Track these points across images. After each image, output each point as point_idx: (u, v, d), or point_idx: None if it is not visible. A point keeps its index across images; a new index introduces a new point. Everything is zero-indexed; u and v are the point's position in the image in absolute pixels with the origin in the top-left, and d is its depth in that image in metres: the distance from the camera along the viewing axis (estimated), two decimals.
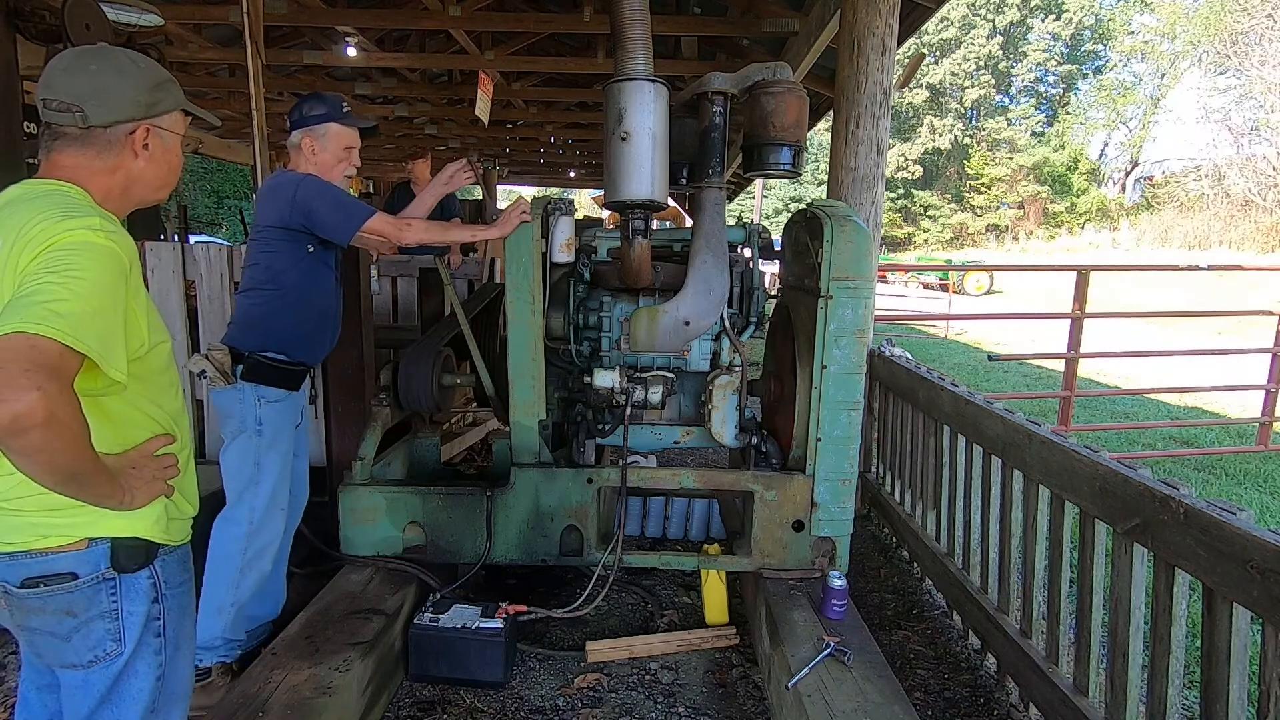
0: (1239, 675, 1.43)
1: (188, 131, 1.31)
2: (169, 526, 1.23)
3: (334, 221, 2.04)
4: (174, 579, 1.26)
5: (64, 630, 1.16)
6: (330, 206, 2.03)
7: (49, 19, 3.70)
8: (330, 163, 2.16)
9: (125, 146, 1.19)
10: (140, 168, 1.22)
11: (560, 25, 5.60)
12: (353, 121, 2.19)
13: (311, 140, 2.13)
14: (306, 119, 2.13)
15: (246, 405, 2.09)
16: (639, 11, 2.06)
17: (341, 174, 2.19)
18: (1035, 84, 37.19)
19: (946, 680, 2.42)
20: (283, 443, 2.17)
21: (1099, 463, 1.80)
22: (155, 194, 1.28)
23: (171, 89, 1.25)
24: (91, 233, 1.04)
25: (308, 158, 2.15)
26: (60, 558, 1.13)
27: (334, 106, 2.15)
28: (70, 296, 0.97)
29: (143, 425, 1.19)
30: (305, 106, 2.14)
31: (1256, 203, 21.52)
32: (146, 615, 1.21)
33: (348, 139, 2.18)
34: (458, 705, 2.20)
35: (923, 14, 4.42)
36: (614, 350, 2.53)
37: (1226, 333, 11.39)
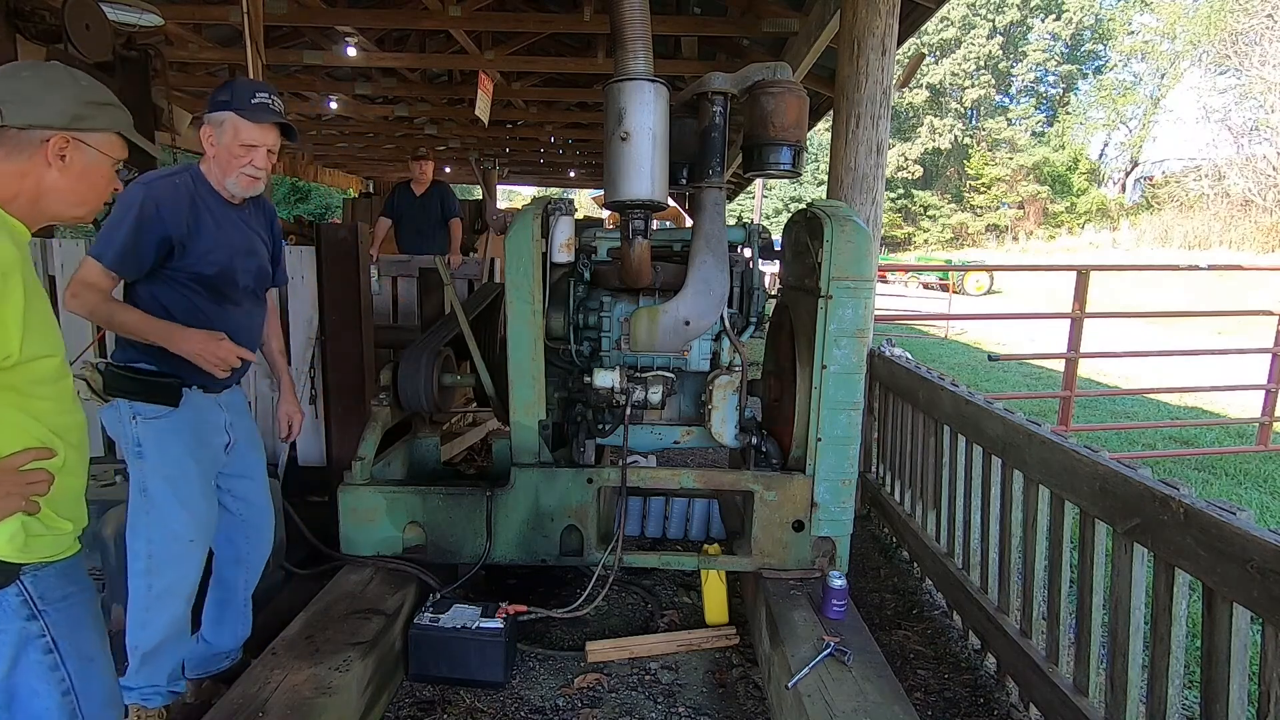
0: (1239, 675, 1.43)
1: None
2: (29, 544, 1.17)
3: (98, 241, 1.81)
4: (53, 593, 1.21)
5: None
6: (107, 227, 1.80)
7: (49, 19, 3.70)
8: (225, 157, 1.89)
9: (38, 152, 1.17)
10: (54, 178, 1.20)
11: (560, 25, 5.60)
12: (261, 117, 1.87)
13: (209, 129, 1.89)
14: (211, 104, 1.89)
15: (123, 424, 1.87)
16: (639, 11, 2.05)
17: (237, 171, 1.89)
18: (1035, 84, 37.19)
19: (946, 680, 2.42)
20: (175, 466, 1.88)
21: (1099, 463, 1.80)
22: (71, 210, 1.25)
23: (110, 112, 1.25)
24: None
25: (206, 148, 1.92)
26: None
27: (241, 96, 1.87)
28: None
29: (17, 438, 1.15)
30: (215, 92, 1.91)
31: (1256, 203, 21.51)
32: (22, 633, 1.17)
33: (248, 135, 1.87)
34: (458, 705, 2.20)
35: (923, 14, 4.42)
36: (614, 350, 2.53)
37: (1226, 333, 11.39)
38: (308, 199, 25.59)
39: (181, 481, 1.90)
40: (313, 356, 3.10)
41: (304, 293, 3.08)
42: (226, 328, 1.90)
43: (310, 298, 3.07)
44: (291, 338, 3.14)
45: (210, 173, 1.92)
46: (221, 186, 1.92)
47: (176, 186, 1.84)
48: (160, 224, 1.80)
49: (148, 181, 1.84)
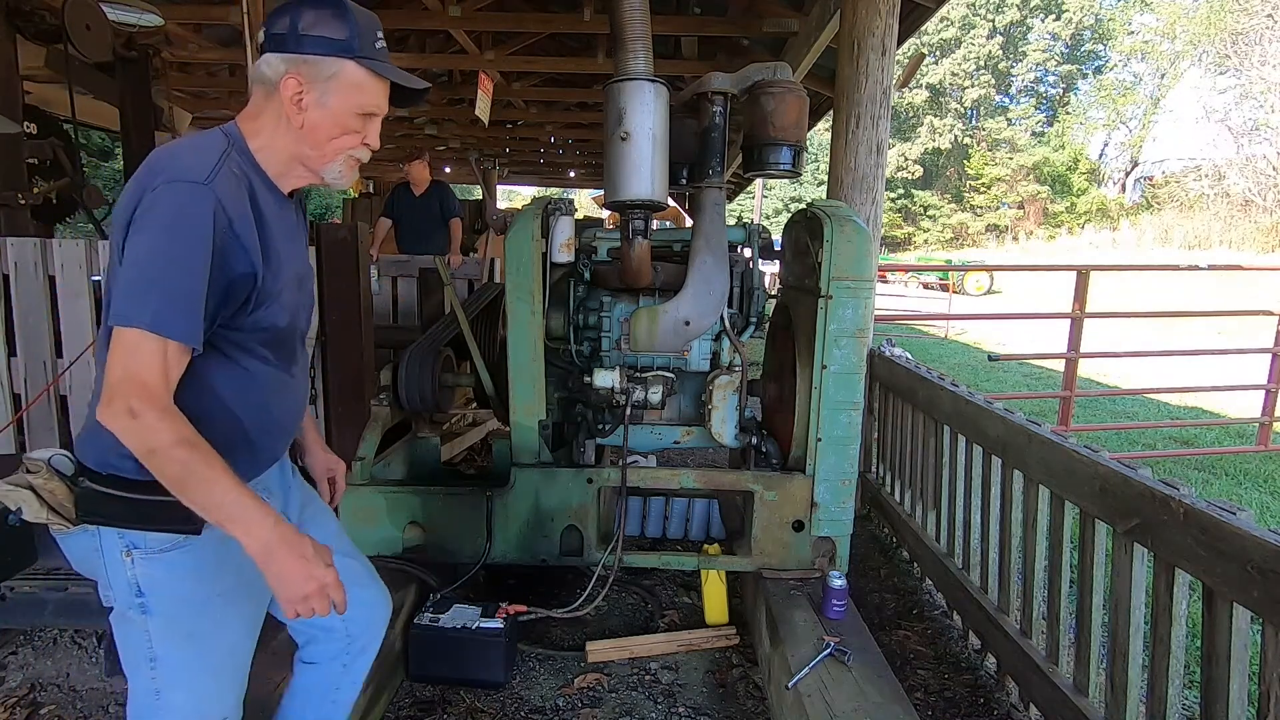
0: (1239, 675, 1.43)
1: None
2: None
3: (119, 290, 1.06)
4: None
5: None
6: (150, 263, 1.05)
7: (49, 19, 3.70)
8: (324, 135, 1.20)
9: None
10: None
11: (560, 25, 5.60)
12: (388, 70, 1.21)
13: (303, 81, 1.16)
14: (303, 40, 1.15)
15: (109, 563, 1.20)
16: (639, 11, 2.05)
17: (338, 158, 1.23)
18: (1035, 84, 37.21)
19: (946, 680, 2.42)
20: (202, 616, 1.22)
21: (1099, 463, 1.80)
22: None
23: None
24: None
25: (287, 112, 1.17)
26: None
27: (365, 32, 1.18)
28: None
29: None
30: (307, 15, 1.15)
31: (1256, 203, 21.52)
32: None
33: (373, 96, 1.21)
34: (458, 705, 2.20)
35: (923, 14, 4.42)
36: (614, 350, 2.53)
37: (1226, 333, 11.39)
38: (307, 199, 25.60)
39: (214, 637, 1.25)
40: (313, 356, 3.10)
41: None
42: (291, 406, 1.35)
43: None
44: None
45: (273, 151, 1.20)
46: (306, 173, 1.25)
47: (236, 181, 1.13)
48: (241, 250, 1.12)
49: (202, 175, 1.08)
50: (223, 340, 1.17)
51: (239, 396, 1.21)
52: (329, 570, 1.13)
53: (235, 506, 1.07)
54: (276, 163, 1.21)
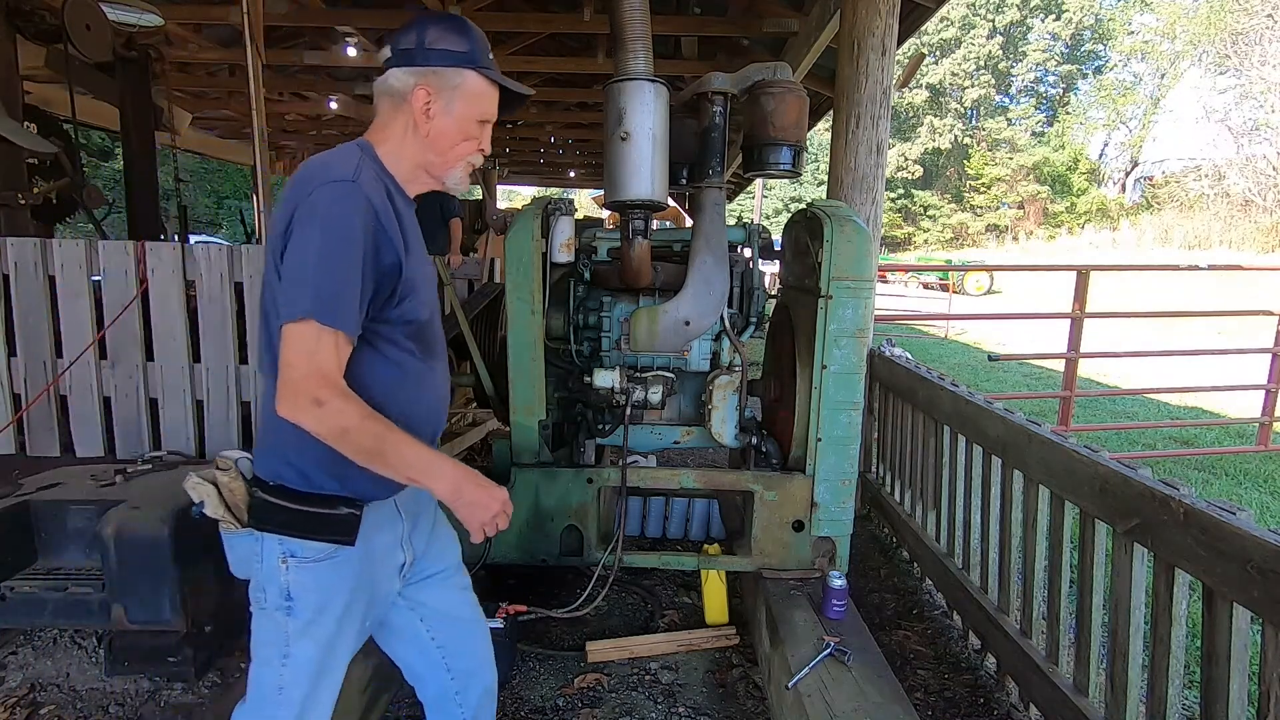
0: (1239, 675, 1.43)
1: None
2: None
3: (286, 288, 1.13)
4: None
5: None
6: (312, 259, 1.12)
7: (49, 19, 3.70)
8: (449, 142, 1.28)
9: None
10: None
11: (560, 25, 5.60)
12: (499, 78, 1.31)
13: (431, 92, 1.25)
14: (430, 53, 1.25)
15: (267, 568, 1.26)
16: (639, 11, 2.06)
17: (459, 164, 1.32)
18: (1035, 84, 37.21)
19: (946, 680, 2.42)
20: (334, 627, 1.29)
21: (1099, 463, 1.80)
22: None
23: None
24: None
25: (416, 121, 1.26)
26: None
27: (480, 45, 1.29)
28: None
29: None
30: (430, 32, 1.26)
31: (1256, 203, 21.52)
32: None
33: (489, 105, 1.31)
34: None
35: (923, 14, 4.42)
36: (614, 350, 2.53)
37: (1226, 333, 11.39)
38: None
39: (336, 650, 1.32)
40: None
41: None
42: (436, 401, 1.39)
43: None
44: None
45: (401, 159, 1.28)
46: (429, 180, 1.33)
47: (376, 181, 1.22)
48: (388, 243, 1.19)
49: (350, 175, 1.16)
50: (372, 334, 1.23)
51: (390, 390, 1.26)
52: (503, 489, 1.28)
53: (423, 460, 1.19)
54: (404, 170, 1.29)
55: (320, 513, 1.24)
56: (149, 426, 3.18)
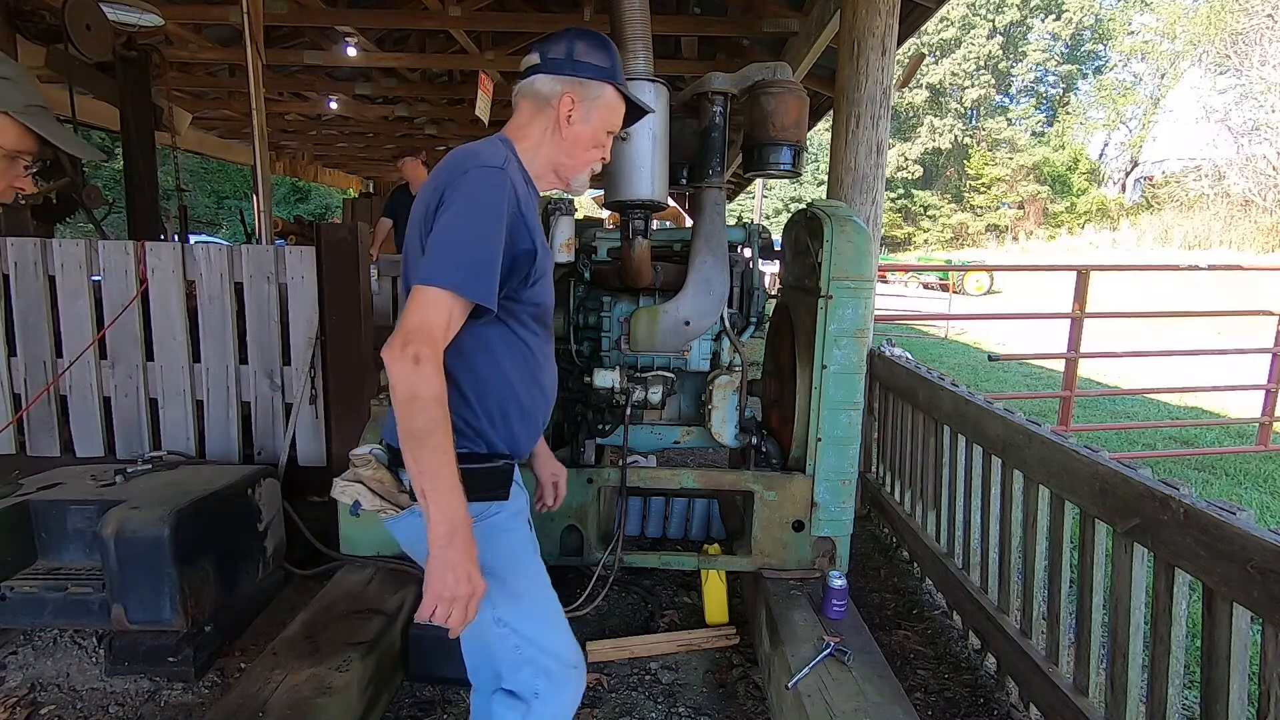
0: (1239, 675, 1.43)
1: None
2: None
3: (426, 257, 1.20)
4: None
5: None
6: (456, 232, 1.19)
7: (49, 19, 3.70)
8: (582, 147, 1.39)
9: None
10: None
11: (560, 25, 5.59)
12: (631, 94, 1.44)
13: (575, 100, 1.35)
14: (578, 65, 1.35)
15: None
16: (639, 11, 2.06)
17: (585, 170, 1.44)
18: (1035, 84, 37.22)
19: (946, 680, 2.42)
20: (528, 575, 1.41)
21: (1099, 463, 1.80)
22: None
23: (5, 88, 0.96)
24: None
25: (559, 124, 1.36)
26: None
27: (617, 63, 1.41)
28: None
29: None
30: (580, 44, 1.36)
31: (1256, 203, 21.52)
32: None
33: (619, 116, 1.44)
34: (458, 705, 2.20)
35: (923, 14, 4.42)
36: (614, 350, 2.53)
37: (1226, 333, 11.39)
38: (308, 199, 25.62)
39: (536, 589, 1.43)
40: (313, 356, 3.10)
41: (304, 293, 3.08)
42: (552, 382, 1.47)
43: (310, 298, 3.07)
44: (291, 338, 3.14)
45: (536, 157, 1.38)
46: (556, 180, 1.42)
47: (521, 173, 1.34)
48: (525, 229, 1.28)
49: (499, 163, 1.25)
50: (506, 312, 1.30)
51: (517, 367, 1.35)
52: (483, 585, 1.20)
53: (448, 480, 1.15)
54: (537, 167, 1.39)
55: (487, 470, 1.31)
56: (149, 426, 3.18)
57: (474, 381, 1.30)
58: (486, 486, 1.32)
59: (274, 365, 3.16)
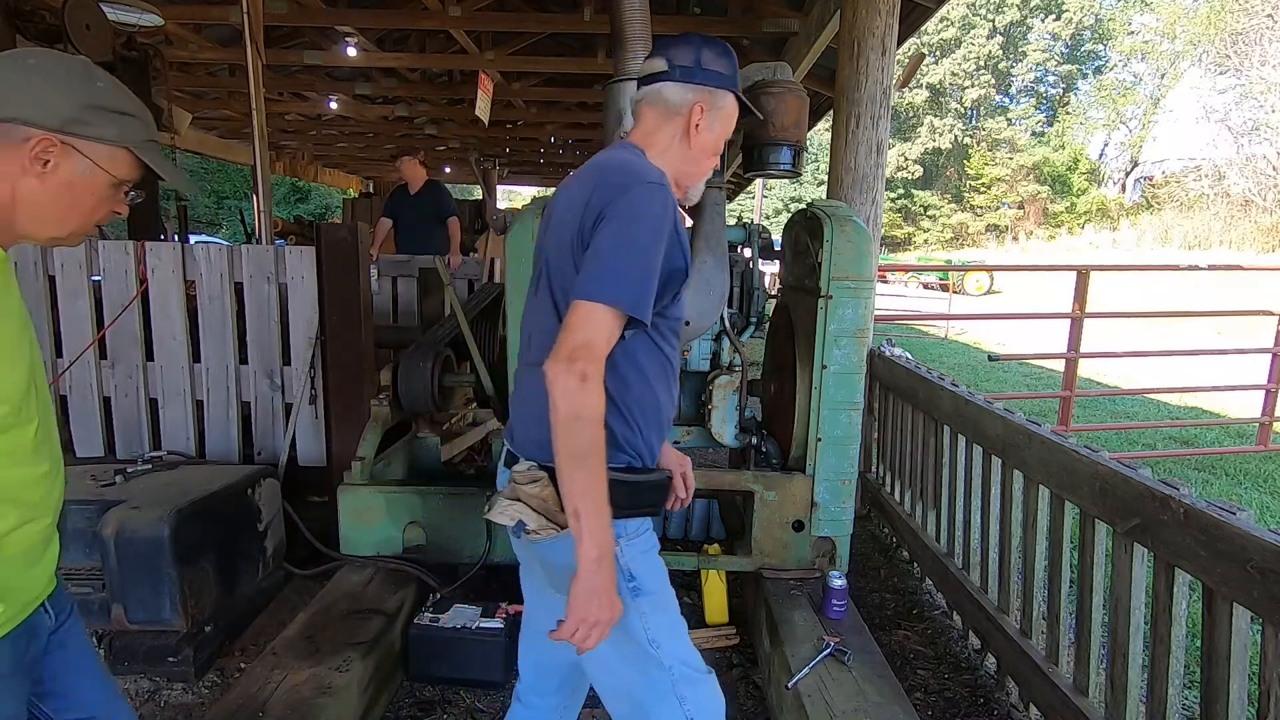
0: (1239, 675, 1.43)
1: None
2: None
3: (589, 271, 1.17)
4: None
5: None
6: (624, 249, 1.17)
7: (49, 19, 3.70)
8: (704, 156, 1.37)
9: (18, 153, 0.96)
10: (32, 187, 0.97)
11: (560, 25, 5.61)
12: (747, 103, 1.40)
13: (704, 109, 1.32)
14: (706, 73, 1.31)
15: None
16: (639, 11, 2.06)
17: (701, 179, 1.42)
18: (1035, 84, 37.21)
19: (946, 680, 2.42)
20: (669, 592, 1.36)
21: (1099, 463, 1.80)
22: (47, 229, 1.01)
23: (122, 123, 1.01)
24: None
25: (688, 133, 1.33)
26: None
27: (737, 71, 1.38)
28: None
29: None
30: (706, 52, 1.32)
31: (1256, 203, 21.52)
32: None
33: (733, 126, 1.41)
34: (458, 705, 2.20)
35: (923, 14, 4.42)
36: None
37: (1226, 333, 11.39)
38: (308, 199, 25.63)
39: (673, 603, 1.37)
40: (313, 356, 3.11)
41: (304, 293, 3.08)
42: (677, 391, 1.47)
43: (310, 298, 3.07)
44: (291, 338, 3.15)
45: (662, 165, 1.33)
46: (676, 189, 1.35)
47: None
48: (679, 246, 1.26)
49: (660, 179, 1.23)
50: (651, 326, 1.27)
51: (658, 378, 1.33)
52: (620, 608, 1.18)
53: (602, 502, 1.13)
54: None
55: (651, 483, 1.29)
56: (149, 426, 3.18)
57: (626, 394, 1.27)
58: (647, 500, 1.30)
59: (274, 365, 3.17)
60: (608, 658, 1.29)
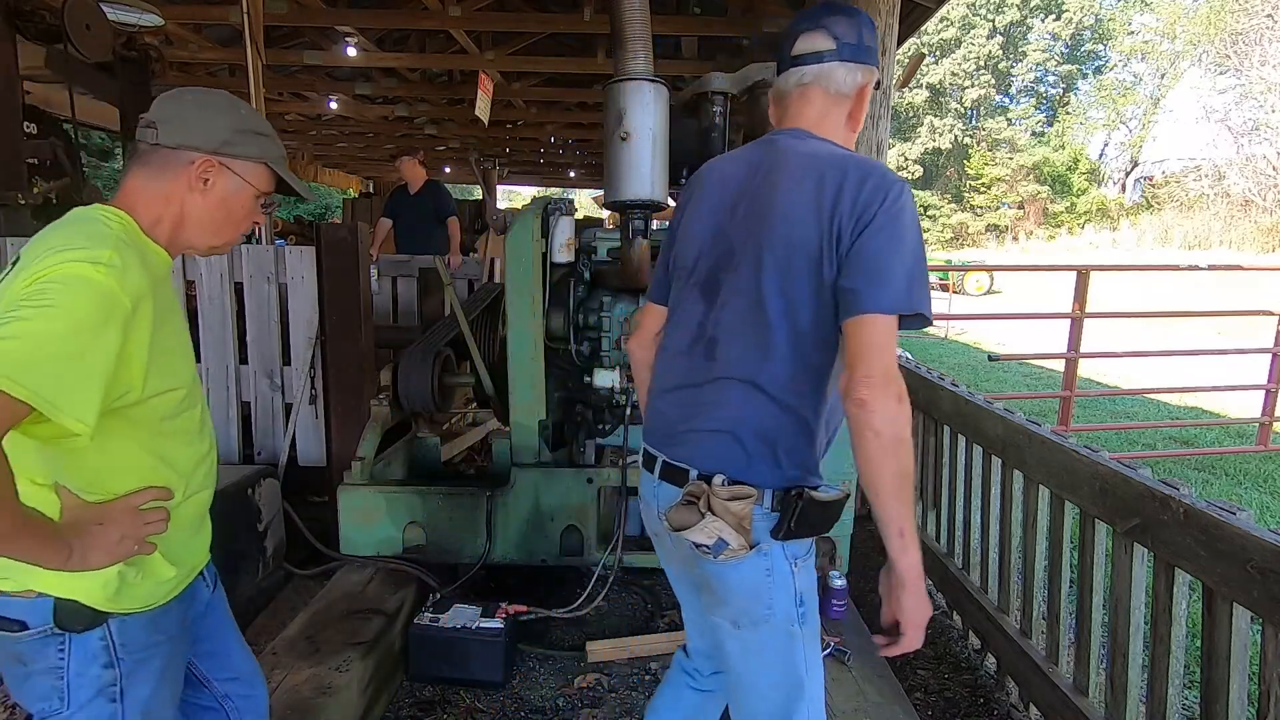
0: (1239, 675, 1.43)
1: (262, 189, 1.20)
2: (122, 592, 1.08)
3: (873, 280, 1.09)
4: (135, 642, 1.11)
5: (16, 676, 1.10)
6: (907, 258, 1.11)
7: (49, 19, 3.70)
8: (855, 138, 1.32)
9: (183, 174, 1.13)
10: (196, 203, 1.15)
11: (560, 25, 5.60)
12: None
13: (865, 90, 1.26)
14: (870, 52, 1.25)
15: (781, 579, 1.22)
16: (639, 11, 2.06)
17: None
18: (1035, 84, 37.19)
19: (946, 680, 2.42)
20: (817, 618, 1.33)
21: (1099, 463, 1.80)
22: (207, 239, 1.18)
23: (261, 142, 1.19)
24: (90, 266, 0.96)
25: (853, 117, 1.28)
26: (13, 602, 1.04)
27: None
28: (31, 335, 0.88)
29: (137, 474, 1.08)
30: (864, 29, 1.24)
31: (1256, 203, 21.52)
32: (98, 680, 1.09)
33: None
34: (458, 705, 2.20)
35: (923, 14, 4.42)
36: (614, 350, 2.53)
37: (1226, 333, 11.38)
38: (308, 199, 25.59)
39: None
40: (312, 356, 3.10)
41: (304, 293, 3.08)
42: None
43: (310, 298, 3.07)
44: (291, 338, 3.15)
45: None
46: None
47: None
48: None
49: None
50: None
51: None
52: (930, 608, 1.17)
53: (910, 521, 1.11)
54: None
55: (837, 502, 1.21)
56: None
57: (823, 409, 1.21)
58: (834, 519, 1.23)
59: (274, 365, 3.17)
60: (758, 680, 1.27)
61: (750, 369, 1.18)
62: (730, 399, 1.18)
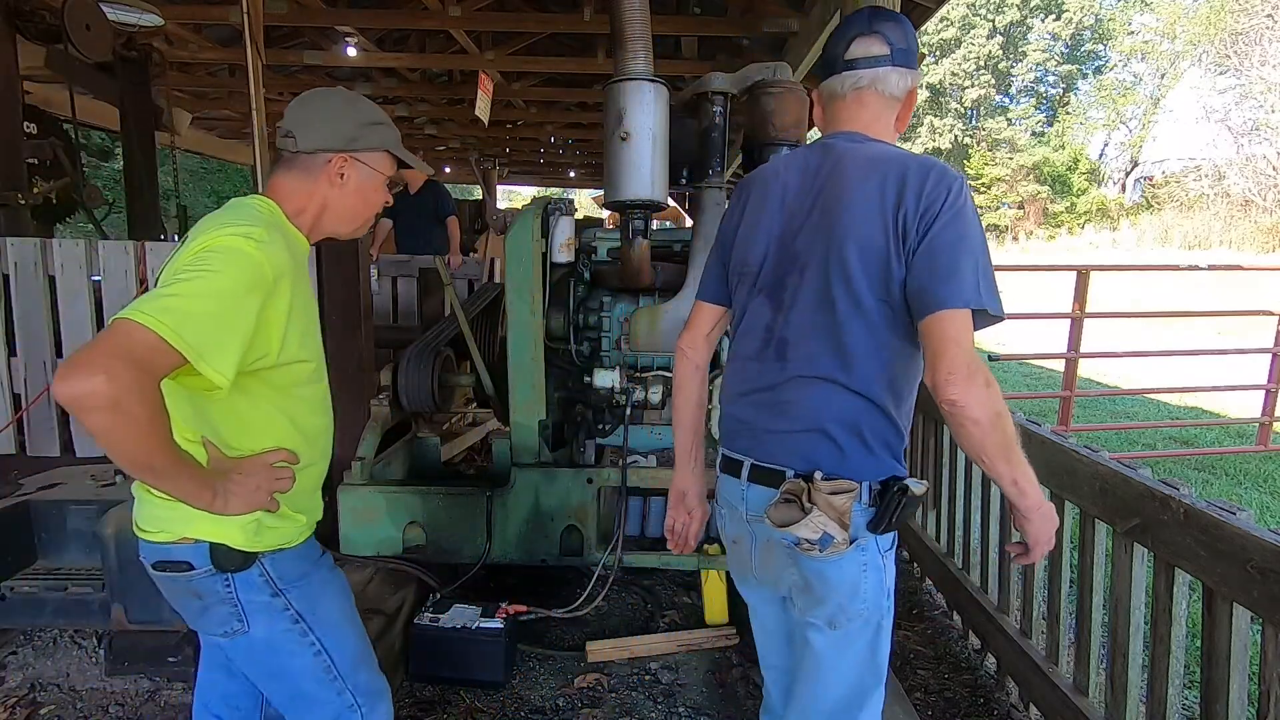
0: (1239, 675, 1.43)
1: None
2: (261, 535, 1.23)
3: (947, 276, 1.13)
4: (290, 574, 1.28)
5: (193, 609, 1.27)
6: (977, 253, 1.16)
7: (49, 19, 3.70)
8: (895, 141, 1.35)
9: (323, 173, 1.26)
10: (335, 197, 1.28)
11: (560, 25, 5.60)
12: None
13: (914, 94, 1.31)
14: (915, 54, 1.27)
15: (872, 570, 1.24)
16: (639, 11, 2.06)
17: None
18: (1035, 84, 37.19)
19: (946, 680, 2.42)
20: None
21: (1099, 463, 1.80)
22: (344, 226, 1.32)
23: (380, 131, 1.30)
24: (244, 240, 1.09)
25: (901, 119, 1.31)
26: (178, 548, 1.21)
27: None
28: (190, 294, 1.01)
29: (272, 434, 1.22)
30: (910, 33, 1.27)
31: (1256, 203, 21.51)
32: (269, 605, 1.26)
33: None
34: (458, 705, 2.20)
35: (923, 14, 4.41)
36: (614, 350, 2.53)
37: (1226, 333, 11.37)
38: None
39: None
40: None
41: None
42: None
43: None
44: None
45: None
46: None
47: None
48: None
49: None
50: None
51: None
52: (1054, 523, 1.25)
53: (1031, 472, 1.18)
54: None
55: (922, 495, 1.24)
56: None
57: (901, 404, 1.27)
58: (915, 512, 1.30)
59: None
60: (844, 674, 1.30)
61: (825, 367, 1.22)
62: (811, 397, 1.22)
